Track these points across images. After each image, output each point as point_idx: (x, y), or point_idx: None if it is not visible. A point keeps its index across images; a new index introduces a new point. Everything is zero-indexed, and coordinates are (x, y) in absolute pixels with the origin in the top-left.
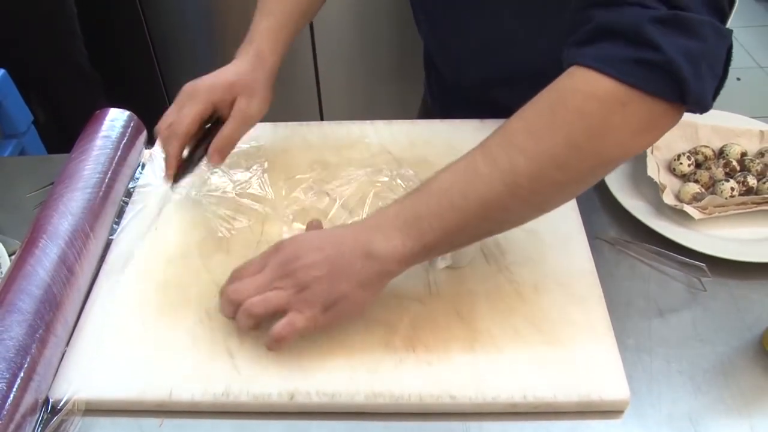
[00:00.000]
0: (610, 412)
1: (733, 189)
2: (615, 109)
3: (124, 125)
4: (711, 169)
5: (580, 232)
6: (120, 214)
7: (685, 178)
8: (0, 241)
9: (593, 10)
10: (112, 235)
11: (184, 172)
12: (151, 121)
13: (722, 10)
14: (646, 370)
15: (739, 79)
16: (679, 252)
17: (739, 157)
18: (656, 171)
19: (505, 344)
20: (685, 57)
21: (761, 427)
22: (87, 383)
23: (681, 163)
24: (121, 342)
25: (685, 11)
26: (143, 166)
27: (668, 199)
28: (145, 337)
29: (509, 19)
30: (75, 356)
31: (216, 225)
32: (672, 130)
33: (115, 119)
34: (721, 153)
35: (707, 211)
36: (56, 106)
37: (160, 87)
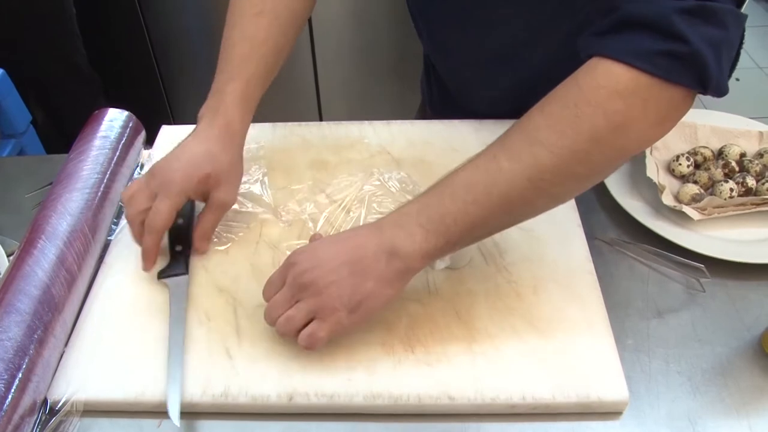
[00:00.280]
0: (609, 412)
1: (732, 190)
2: (637, 103)
3: (122, 125)
4: (710, 169)
5: (579, 233)
6: (118, 214)
7: (684, 178)
8: None
9: (617, 0)
10: (111, 236)
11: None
12: (149, 121)
13: None
14: (645, 371)
15: (738, 79)
16: (677, 253)
17: (738, 157)
18: (655, 172)
19: (503, 345)
20: (710, 46)
21: (760, 426)
22: (85, 384)
23: (680, 164)
24: (119, 343)
25: (711, 1)
26: (142, 166)
27: (667, 200)
28: (143, 337)
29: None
30: (73, 357)
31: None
32: (671, 131)
33: (114, 119)
34: (720, 154)
35: (706, 212)
36: (55, 106)
37: (159, 87)
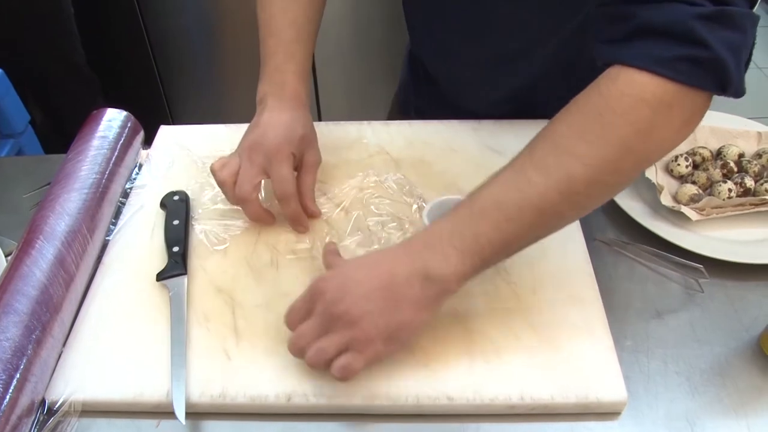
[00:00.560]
0: (607, 413)
1: (730, 190)
2: (663, 109)
3: (121, 125)
4: (708, 170)
5: (578, 234)
6: (117, 214)
7: (682, 179)
8: None
9: (632, 6)
10: (109, 236)
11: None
12: (148, 121)
13: None
14: (644, 371)
15: None
16: (676, 253)
17: (736, 158)
18: (654, 172)
19: (502, 346)
20: (730, 50)
21: (758, 427)
22: (83, 384)
23: (678, 165)
24: (117, 343)
25: (729, 6)
26: (140, 166)
27: (666, 200)
28: (141, 338)
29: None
30: (71, 357)
31: (213, 227)
32: None
33: (112, 119)
34: (718, 154)
35: (705, 212)
36: (53, 106)
37: (157, 87)
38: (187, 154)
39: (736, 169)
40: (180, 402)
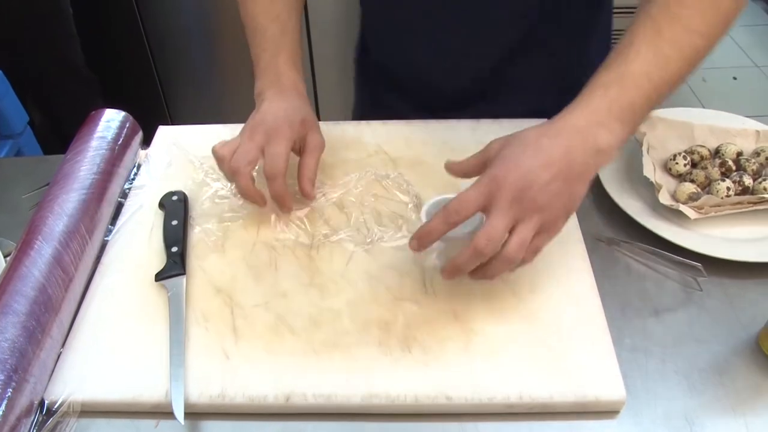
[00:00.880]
0: (606, 412)
1: (728, 189)
2: None
3: (119, 126)
4: (707, 168)
5: (576, 232)
6: (115, 215)
7: (681, 177)
8: None
9: None
10: (108, 236)
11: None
12: (147, 121)
13: None
14: (642, 370)
15: (735, 78)
16: (674, 252)
17: (734, 156)
18: (652, 171)
19: (500, 344)
20: None
21: (756, 425)
22: (82, 385)
23: (677, 163)
24: (116, 343)
25: None
26: (139, 166)
27: (664, 198)
28: (140, 338)
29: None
30: (70, 358)
31: (211, 226)
32: (668, 129)
33: (111, 120)
34: (717, 153)
35: (703, 210)
36: (52, 107)
37: (156, 88)
38: (185, 155)
39: (734, 168)
40: (179, 402)
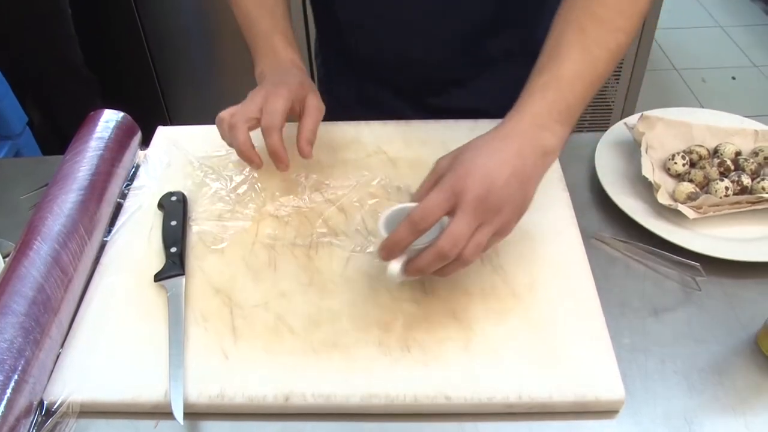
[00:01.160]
0: (605, 411)
1: (727, 188)
2: None
3: (118, 126)
4: (705, 168)
5: (575, 232)
6: (115, 215)
7: (679, 177)
8: None
9: None
10: (107, 237)
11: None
12: (146, 122)
13: None
14: (641, 370)
15: (734, 78)
16: (673, 251)
17: (733, 156)
18: (651, 170)
19: (500, 344)
20: None
21: (756, 425)
22: (81, 385)
23: (675, 163)
24: (115, 344)
25: None
26: (138, 167)
27: (663, 198)
28: (139, 338)
29: None
30: (69, 358)
31: (210, 226)
32: (667, 129)
33: (110, 120)
34: (715, 152)
35: (702, 210)
36: (51, 107)
37: (155, 88)
38: (184, 155)
39: (732, 168)
40: (178, 402)
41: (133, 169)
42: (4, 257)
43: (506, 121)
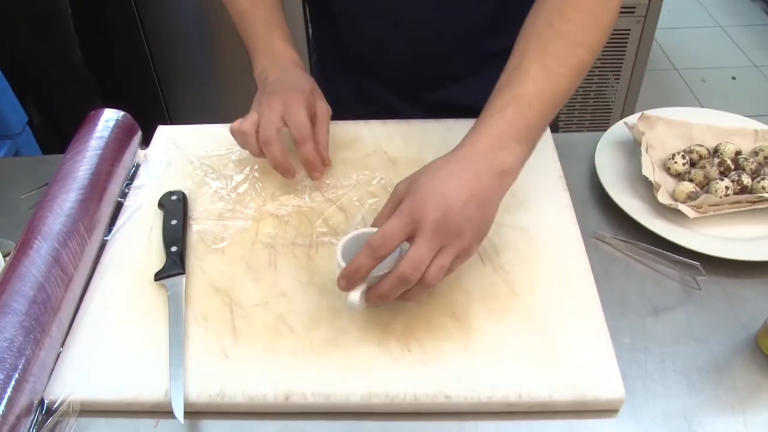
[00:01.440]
0: (605, 411)
1: (727, 188)
2: None
3: (118, 126)
4: (705, 168)
5: (575, 231)
6: (115, 214)
7: (679, 177)
8: None
9: None
10: (107, 236)
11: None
12: (146, 121)
13: None
14: (641, 369)
15: (734, 78)
16: (673, 251)
17: (733, 156)
18: (651, 170)
19: (500, 343)
20: None
21: (756, 424)
22: (82, 384)
23: (676, 162)
24: (115, 343)
25: None
26: (138, 166)
27: (663, 198)
28: (140, 338)
29: None
30: (70, 357)
31: (210, 225)
32: (667, 129)
33: (110, 120)
34: (715, 152)
35: (702, 210)
36: (51, 107)
37: (155, 87)
38: (184, 154)
39: (733, 167)
40: (178, 401)
41: (134, 169)
42: (5, 256)
43: (464, 142)
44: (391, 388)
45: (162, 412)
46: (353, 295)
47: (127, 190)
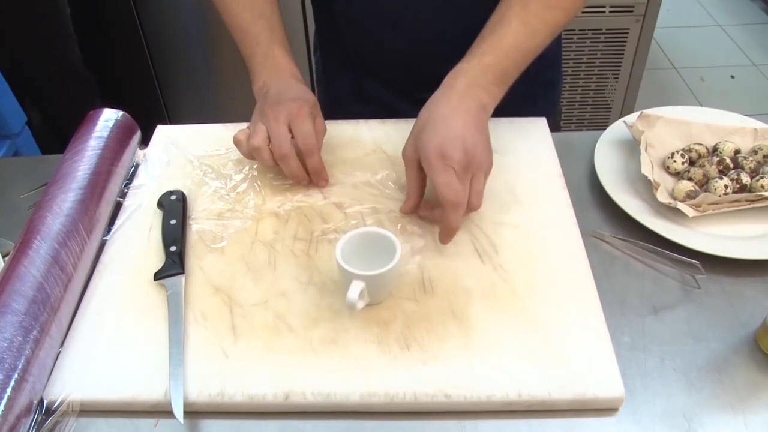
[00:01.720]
0: (604, 409)
1: (726, 186)
2: None
3: (117, 125)
4: (705, 166)
5: (575, 230)
6: (114, 214)
7: (678, 175)
8: None
9: None
10: (106, 236)
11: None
12: (145, 121)
13: None
14: (641, 368)
15: (733, 77)
16: (673, 249)
17: (732, 154)
18: (650, 169)
19: (499, 342)
20: None
21: (755, 423)
22: (81, 384)
23: (675, 161)
24: (115, 343)
25: None
26: (137, 166)
27: (662, 196)
28: (139, 337)
29: None
30: (69, 357)
31: (210, 225)
32: (666, 127)
33: (109, 119)
34: (714, 151)
35: (701, 208)
36: (50, 107)
37: (154, 87)
38: (183, 154)
39: (732, 166)
40: (178, 401)
41: (133, 168)
42: (4, 256)
43: (444, 84)
44: (390, 387)
45: (162, 411)
46: (352, 294)
47: (126, 190)
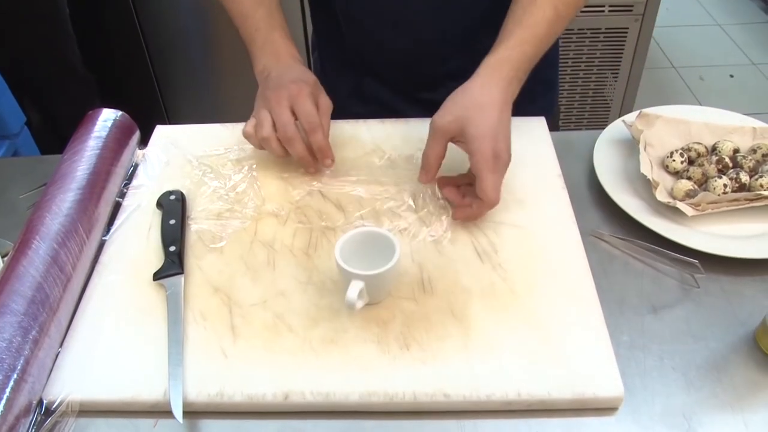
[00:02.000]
0: (604, 408)
1: (725, 185)
2: None
3: (117, 126)
4: (704, 165)
5: (574, 230)
6: (113, 214)
7: (677, 174)
8: None
9: None
10: (106, 236)
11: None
12: (144, 121)
13: None
14: (640, 367)
15: (732, 76)
16: (672, 249)
17: (731, 153)
18: (649, 168)
19: (498, 342)
20: None
21: (754, 422)
22: (81, 384)
23: (674, 160)
24: (114, 343)
25: None
26: (136, 166)
27: (661, 196)
28: (138, 337)
29: None
30: (68, 357)
31: (209, 225)
32: (665, 127)
33: (108, 119)
34: (713, 150)
35: (700, 207)
36: (49, 107)
37: (153, 87)
38: (182, 154)
39: (731, 165)
40: (177, 401)
41: (132, 168)
42: (3, 256)
43: (489, 68)
44: (390, 387)
45: (161, 411)
46: (352, 294)
47: (125, 190)
